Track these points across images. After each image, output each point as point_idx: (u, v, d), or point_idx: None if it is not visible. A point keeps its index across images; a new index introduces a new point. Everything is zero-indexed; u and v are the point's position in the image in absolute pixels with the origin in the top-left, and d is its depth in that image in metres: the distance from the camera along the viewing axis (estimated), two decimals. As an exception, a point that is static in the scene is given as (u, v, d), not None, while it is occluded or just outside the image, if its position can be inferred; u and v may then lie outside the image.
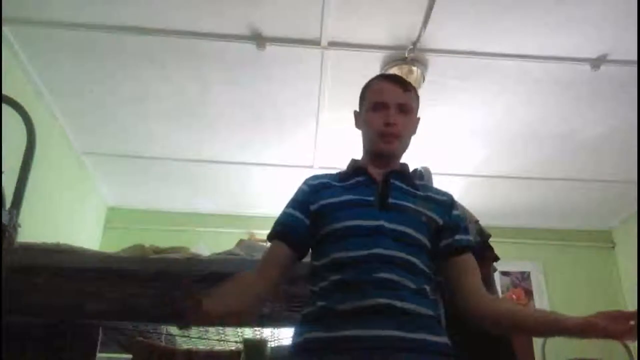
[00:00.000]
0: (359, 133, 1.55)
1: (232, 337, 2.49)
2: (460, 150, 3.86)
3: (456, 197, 2.45)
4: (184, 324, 1.32)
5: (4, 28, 2.73)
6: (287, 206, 1.47)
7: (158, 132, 3.68)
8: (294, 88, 3.23)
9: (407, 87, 1.49)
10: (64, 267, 1.92)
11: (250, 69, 3.07)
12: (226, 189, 4.41)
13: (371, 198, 1.38)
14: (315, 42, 2.86)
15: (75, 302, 2.06)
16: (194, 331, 2.70)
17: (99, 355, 2.15)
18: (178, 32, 2.81)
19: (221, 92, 3.27)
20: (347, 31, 2.81)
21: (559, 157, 3.90)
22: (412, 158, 1.58)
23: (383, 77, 1.55)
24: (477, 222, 2.27)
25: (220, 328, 2.39)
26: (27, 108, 2.17)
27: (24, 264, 1.86)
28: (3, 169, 1.96)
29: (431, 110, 3.41)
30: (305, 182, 1.49)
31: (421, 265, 1.32)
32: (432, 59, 2.98)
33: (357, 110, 1.57)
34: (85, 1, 2.63)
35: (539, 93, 3.23)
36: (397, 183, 1.43)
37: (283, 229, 1.42)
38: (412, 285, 1.26)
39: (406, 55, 2.91)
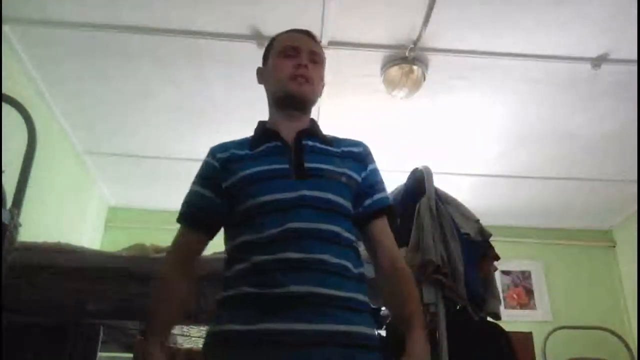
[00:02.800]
0: (359, 132, 1.53)
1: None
2: (460, 149, 3.86)
3: (457, 197, 2.46)
4: None
5: (4, 27, 2.73)
6: (195, 183, 1.34)
7: (159, 131, 3.69)
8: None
9: (316, 39, 1.42)
10: (64, 267, 1.92)
11: (251, 68, 3.03)
12: (227, 188, 4.41)
13: (285, 166, 1.25)
14: (315, 42, 2.86)
15: (76, 301, 2.06)
16: (194, 330, 2.70)
17: (100, 354, 2.15)
18: (179, 31, 2.80)
19: (222, 91, 3.26)
20: (347, 30, 2.81)
21: (560, 157, 3.90)
22: (413, 157, 1.57)
23: (292, 29, 1.43)
24: (477, 221, 2.27)
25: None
26: (27, 107, 2.17)
27: (24, 263, 1.86)
28: (3, 168, 1.96)
29: (431, 110, 3.41)
30: (213, 156, 1.35)
31: (346, 234, 1.22)
32: (433, 58, 2.97)
33: (261, 67, 1.47)
34: (86, 1, 2.63)
35: (539, 92, 3.23)
36: (310, 143, 1.32)
37: (192, 211, 1.32)
38: (334, 260, 1.16)
39: (407, 54, 2.90)
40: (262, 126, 1.40)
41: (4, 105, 2.20)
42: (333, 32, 2.81)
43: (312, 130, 1.36)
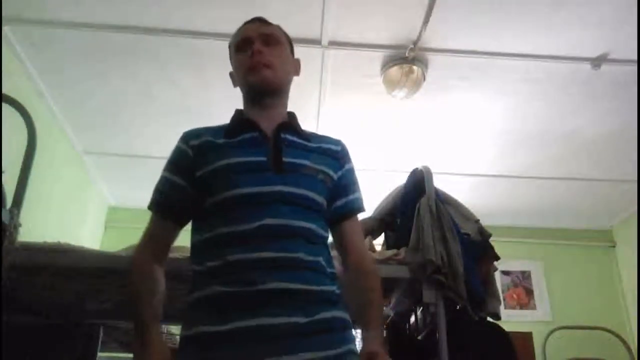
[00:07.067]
0: (359, 132, 1.53)
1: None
2: (460, 149, 3.86)
3: (457, 197, 2.46)
4: None
5: (4, 28, 2.73)
6: (167, 169, 1.31)
7: (159, 132, 3.68)
8: (294, 88, 3.20)
9: (267, 22, 1.43)
10: (64, 267, 1.92)
11: (251, 69, 3.06)
12: (227, 188, 4.41)
13: (263, 159, 1.24)
14: (315, 42, 2.86)
15: (75, 301, 2.06)
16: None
17: (99, 354, 2.15)
18: (178, 31, 2.80)
19: (222, 91, 3.25)
20: (347, 30, 2.81)
21: (560, 157, 3.90)
22: (413, 157, 1.57)
23: (243, 23, 1.46)
24: (477, 221, 2.27)
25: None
26: (27, 107, 2.16)
27: (24, 263, 1.86)
28: (3, 169, 1.96)
29: (431, 110, 3.41)
30: (186, 142, 1.30)
31: (319, 231, 1.23)
32: (433, 58, 2.97)
33: (231, 71, 1.47)
34: (86, 1, 2.63)
35: (539, 92, 3.23)
36: (289, 137, 1.31)
37: (164, 200, 1.29)
38: (308, 258, 1.16)
39: (407, 54, 2.90)
40: (239, 115, 1.38)
41: (4, 105, 2.20)
42: (333, 32, 2.81)
43: (291, 124, 1.36)
